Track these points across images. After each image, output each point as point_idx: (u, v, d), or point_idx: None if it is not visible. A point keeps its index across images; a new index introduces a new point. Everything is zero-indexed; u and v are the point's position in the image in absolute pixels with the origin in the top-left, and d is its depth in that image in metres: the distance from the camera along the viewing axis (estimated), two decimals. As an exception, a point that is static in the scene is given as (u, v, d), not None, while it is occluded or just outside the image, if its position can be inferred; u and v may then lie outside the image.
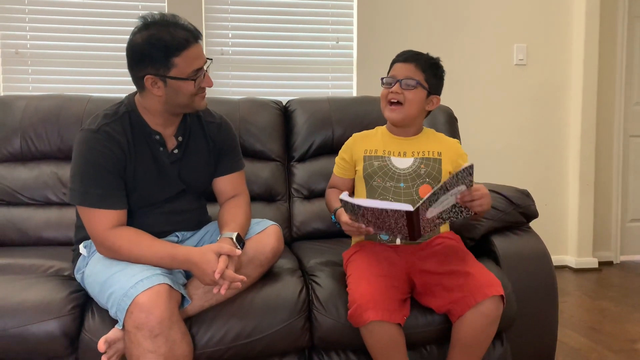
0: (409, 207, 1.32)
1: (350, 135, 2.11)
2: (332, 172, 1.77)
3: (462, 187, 1.38)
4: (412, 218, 1.34)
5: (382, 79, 1.63)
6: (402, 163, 1.60)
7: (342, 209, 1.54)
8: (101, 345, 1.31)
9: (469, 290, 1.41)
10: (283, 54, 3.14)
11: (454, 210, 1.44)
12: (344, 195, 1.38)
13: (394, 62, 1.64)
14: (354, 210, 1.41)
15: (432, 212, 1.38)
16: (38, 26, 2.89)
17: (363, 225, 1.44)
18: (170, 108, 1.47)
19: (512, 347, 1.66)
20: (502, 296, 1.42)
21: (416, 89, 1.57)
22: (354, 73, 3.20)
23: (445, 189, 1.34)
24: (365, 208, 1.36)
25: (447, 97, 2.57)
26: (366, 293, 1.40)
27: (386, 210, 1.34)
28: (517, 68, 3.39)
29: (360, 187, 1.65)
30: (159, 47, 1.37)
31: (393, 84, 1.59)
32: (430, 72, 1.60)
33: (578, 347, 2.21)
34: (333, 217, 1.60)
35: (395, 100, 1.59)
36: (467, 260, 1.50)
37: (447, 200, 1.39)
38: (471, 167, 1.35)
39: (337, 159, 1.75)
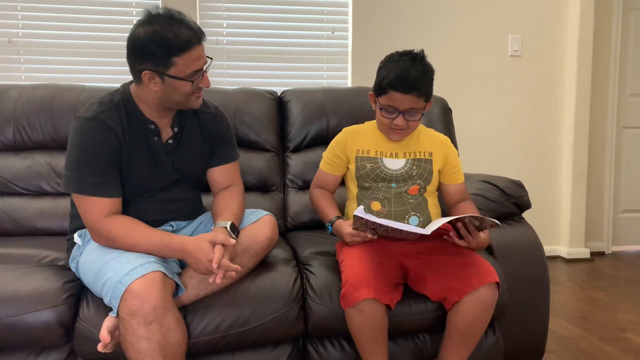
0: (426, 232, 1.39)
1: (345, 126, 2.11)
2: (319, 168, 1.71)
3: (476, 222, 1.45)
4: (424, 236, 1.43)
5: (380, 108, 1.54)
6: (394, 164, 1.60)
7: (340, 221, 1.56)
8: (105, 335, 1.31)
9: (466, 277, 1.43)
10: (278, 44, 3.13)
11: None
12: (360, 213, 1.39)
13: (389, 88, 1.49)
14: (366, 225, 1.44)
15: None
16: (31, 15, 2.87)
17: (369, 235, 1.47)
18: (164, 103, 1.47)
19: (504, 336, 1.68)
20: (497, 283, 1.44)
21: (418, 116, 1.54)
22: (349, 63, 3.20)
23: (464, 216, 1.42)
24: (380, 225, 1.40)
25: (442, 88, 2.57)
26: (359, 272, 1.42)
27: (401, 230, 1.40)
28: (511, 59, 3.39)
29: (352, 186, 1.65)
30: (161, 45, 1.36)
31: (395, 115, 1.52)
32: (428, 89, 1.52)
33: (569, 335, 2.24)
34: (330, 228, 1.59)
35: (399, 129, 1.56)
36: (462, 249, 1.52)
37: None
38: (498, 224, 1.43)
39: (326, 155, 1.69)
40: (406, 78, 1.47)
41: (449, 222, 1.45)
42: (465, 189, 1.68)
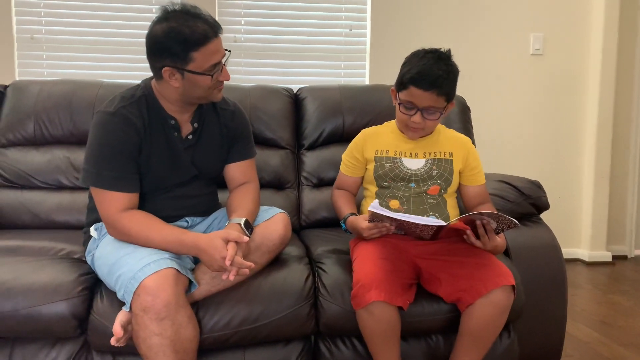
0: (441, 223, 1.36)
1: (361, 124, 2.12)
2: (339, 170, 1.72)
3: (493, 224, 1.42)
4: (440, 229, 1.40)
5: (399, 103, 1.53)
6: (414, 164, 1.58)
7: (354, 217, 1.55)
8: (118, 329, 1.33)
9: (480, 279, 1.41)
10: (296, 41, 3.12)
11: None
12: (375, 207, 1.38)
13: (410, 83, 1.48)
14: (382, 219, 1.43)
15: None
16: (53, 12, 2.91)
17: (387, 225, 1.45)
18: (186, 98, 1.48)
19: (520, 339, 1.65)
20: (513, 286, 1.41)
21: (437, 115, 1.52)
22: (367, 61, 3.17)
23: (481, 215, 1.38)
24: (396, 219, 1.39)
25: (461, 87, 2.51)
26: (370, 273, 1.40)
27: (416, 224, 1.38)
28: (533, 58, 3.33)
29: (371, 187, 1.64)
30: (178, 41, 1.37)
31: (413, 112, 1.50)
32: (449, 88, 1.49)
33: (588, 340, 2.19)
34: (343, 225, 1.59)
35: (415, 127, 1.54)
36: (477, 250, 1.49)
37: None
38: (516, 225, 1.38)
39: (345, 157, 1.70)
40: (427, 75, 1.46)
41: (467, 219, 1.42)
42: (486, 191, 1.65)
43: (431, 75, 1.46)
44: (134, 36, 2.97)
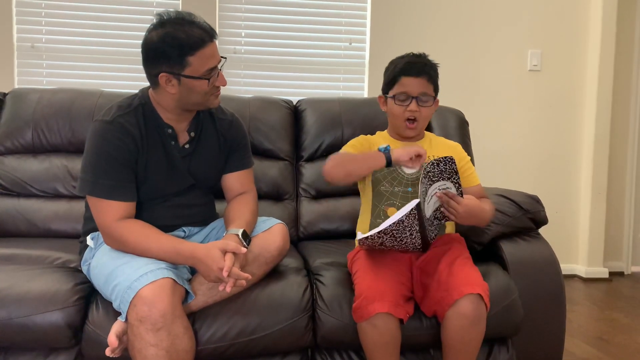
0: (415, 201, 1.35)
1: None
2: (341, 150, 1.65)
3: (449, 185, 1.42)
4: (422, 218, 1.38)
5: (393, 96, 1.58)
6: (410, 169, 1.59)
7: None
8: (113, 340, 1.31)
9: (447, 289, 1.39)
10: (295, 54, 3.14)
11: (439, 211, 1.48)
12: (360, 236, 1.40)
13: (400, 75, 1.56)
14: (373, 241, 1.42)
15: (428, 211, 1.42)
16: (54, 21, 2.92)
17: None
18: (183, 105, 1.48)
19: (518, 354, 1.64)
20: (481, 296, 1.36)
21: (430, 102, 1.57)
22: (366, 75, 3.19)
23: (429, 178, 1.39)
24: (384, 231, 1.38)
25: (459, 101, 2.56)
26: (373, 285, 1.39)
27: (401, 220, 1.36)
28: (531, 74, 3.35)
29: (367, 191, 1.63)
30: (174, 46, 1.38)
31: (408, 102, 1.55)
32: (436, 77, 1.59)
33: (586, 357, 2.18)
34: (386, 150, 1.51)
35: (413, 118, 1.57)
36: (456, 261, 1.47)
37: (433, 200, 1.43)
38: (452, 159, 1.41)
39: (352, 142, 1.66)
40: (415, 63, 1.57)
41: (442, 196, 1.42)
42: (482, 190, 1.66)
43: (418, 63, 1.57)
44: (135, 46, 2.98)
